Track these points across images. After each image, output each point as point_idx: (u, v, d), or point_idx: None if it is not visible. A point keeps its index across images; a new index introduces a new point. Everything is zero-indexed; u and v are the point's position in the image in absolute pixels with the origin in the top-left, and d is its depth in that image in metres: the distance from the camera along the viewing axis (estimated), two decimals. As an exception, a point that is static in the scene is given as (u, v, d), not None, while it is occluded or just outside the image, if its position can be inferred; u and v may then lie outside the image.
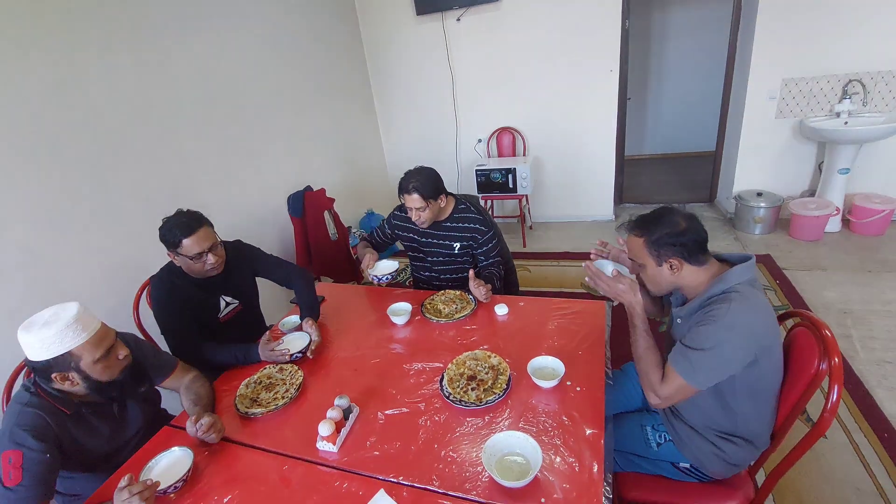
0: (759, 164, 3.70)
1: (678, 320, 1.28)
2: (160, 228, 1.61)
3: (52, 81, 1.75)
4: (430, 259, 2.05)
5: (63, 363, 1.12)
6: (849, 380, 2.13)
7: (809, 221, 3.35)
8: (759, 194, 3.60)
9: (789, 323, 1.29)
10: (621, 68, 3.72)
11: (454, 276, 2.05)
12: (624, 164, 4.37)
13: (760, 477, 1.34)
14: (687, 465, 1.28)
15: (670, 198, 4.54)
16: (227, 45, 2.61)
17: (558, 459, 1.10)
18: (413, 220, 1.90)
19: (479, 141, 4.26)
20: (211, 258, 1.59)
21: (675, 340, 1.27)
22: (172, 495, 1.14)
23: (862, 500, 1.63)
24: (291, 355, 1.59)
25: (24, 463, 1.06)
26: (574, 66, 3.74)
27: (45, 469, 1.09)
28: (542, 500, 1.01)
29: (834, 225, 3.45)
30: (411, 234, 2.03)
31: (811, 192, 3.64)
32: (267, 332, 1.66)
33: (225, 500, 1.12)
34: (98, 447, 1.26)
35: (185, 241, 1.55)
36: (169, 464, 1.20)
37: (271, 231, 2.95)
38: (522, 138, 4.12)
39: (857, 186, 3.46)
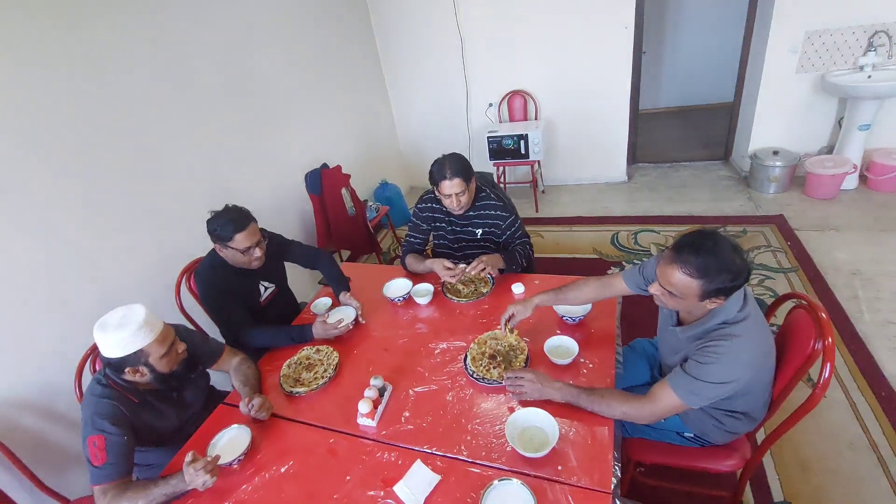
0: (778, 120, 3.63)
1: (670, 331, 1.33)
2: (209, 222, 1.70)
3: (71, 82, 1.79)
4: (454, 246, 2.12)
5: (135, 359, 1.27)
6: (851, 340, 2.22)
7: (825, 180, 3.33)
8: (776, 153, 3.55)
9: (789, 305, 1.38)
10: (636, 22, 3.60)
11: None
12: (638, 121, 4.29)
13: (760, 436, 1.47)
14: (691, 435, 1.41)
15: (685, 156, 4.49)
16: (239, 24, 2.60)
17: (573, 431, 1.23)
18: (452, 206, 1.91)
19: (490, 105, 4.21)
20: (257, 252, 1.73)
21: (670, 348, 1.36)
22: (236, 466, 1.31)
23: (855, 454, 1.77)
24: (349, 325, 1.74)
25: (106, 445, 1.24)
26: (587, 22, 3.64)
27: (124, 449, 1.27)
28: (559, 467, 1.15)
29: (850, 182, 3.42)
30: (438, 224, 2.09)
31: (829, 149, 3.58)
32: (316, 312, 1.81)
33: (282, 469, 1.29)
34: (164, 426, 1.44)
35: (238, 237, 1.67)
36: (230, 439, 1.37)
37: (291, 209, 3.05)
38: (534, 101, 4.07)
39: (876, 142, 3.39)
